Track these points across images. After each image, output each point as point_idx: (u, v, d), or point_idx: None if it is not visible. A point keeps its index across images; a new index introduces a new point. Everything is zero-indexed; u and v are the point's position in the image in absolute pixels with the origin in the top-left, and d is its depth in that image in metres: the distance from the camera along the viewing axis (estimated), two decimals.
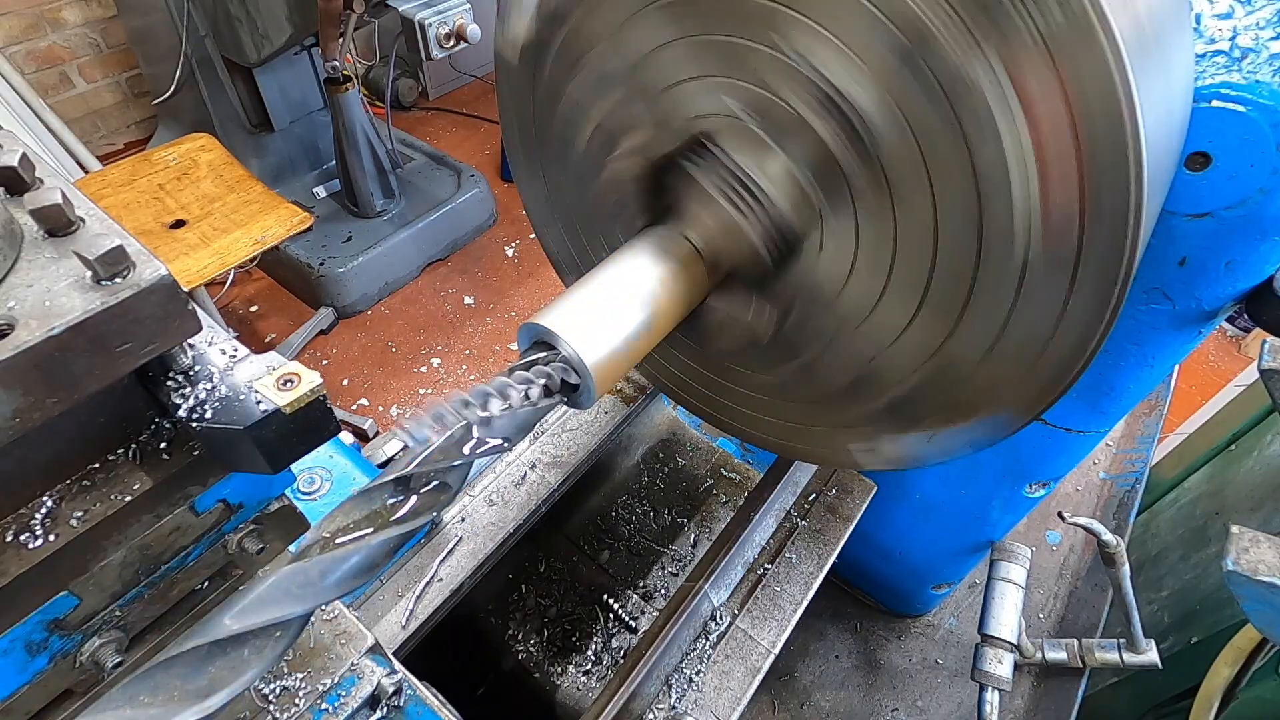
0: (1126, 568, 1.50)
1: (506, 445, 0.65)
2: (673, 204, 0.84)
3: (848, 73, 0.63)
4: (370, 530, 0.55)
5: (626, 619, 1.37)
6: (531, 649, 1.37)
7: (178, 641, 0.47)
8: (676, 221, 0.84)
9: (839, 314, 0.79)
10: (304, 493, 1.26)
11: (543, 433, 1.39)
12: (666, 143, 0.81)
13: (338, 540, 0.54)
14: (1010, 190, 0.59)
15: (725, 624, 1.17)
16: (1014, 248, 0.62)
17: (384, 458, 2.39)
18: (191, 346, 0.56)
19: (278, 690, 0.78)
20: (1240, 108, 0.68)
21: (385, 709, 0.84)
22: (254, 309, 3.47)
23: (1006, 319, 0.67)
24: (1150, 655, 1.56)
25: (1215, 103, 0.69)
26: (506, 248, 3.82)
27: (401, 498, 0.59)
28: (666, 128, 0.80)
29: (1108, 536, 1.47)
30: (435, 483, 0.60)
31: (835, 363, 0.84)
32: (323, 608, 0.80)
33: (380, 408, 3.11)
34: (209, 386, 0.54)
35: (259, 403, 0.52)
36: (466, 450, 0.62)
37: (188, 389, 0.54)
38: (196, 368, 0.55)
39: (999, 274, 0.65)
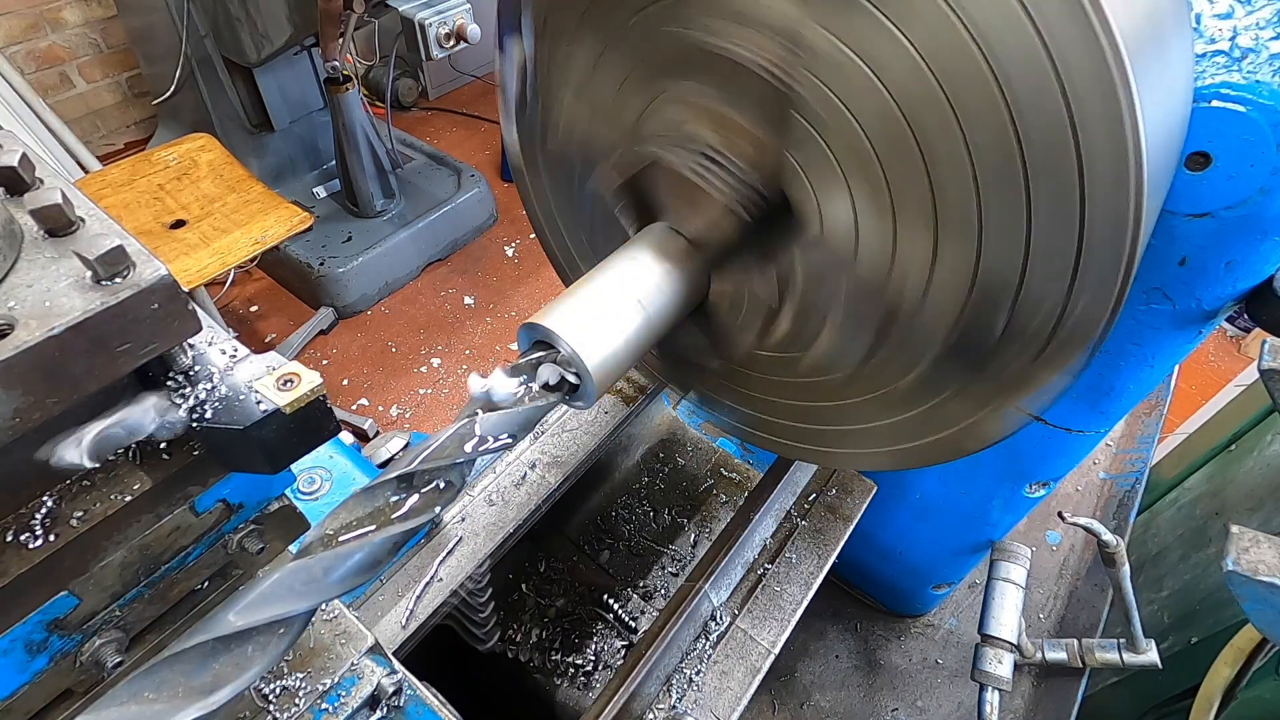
0: (1126, 568, 1.50)
1: (508, 444, 0.65)
2: (657, 202, 0.86)
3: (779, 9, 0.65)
4: (373, 528, 0.55)
5: (626, 619, 1.37)
6: (531, 649, 1.37)
7: (182, 638, 0.48)
8: (664, 217, 0.86)
9: (861, 267, 0.77)
10: (304, 493, 1.26)
11: (543, 433, 1.39)
12: (643, 155, 0.83)
13: (341, 537, 0.54)
14: (997, 108, 0.58)
15: (725, 624, 1.17)
16: (1011, 153, 0.60)
17: (384, 458, 2.39)
18: (191, 346, 0.56)
19: (278, 690, 0.78)
20: (1240, 108, 0.68)
21: (385, 709, 0.84)
22: (254, 309, 3.47)
23: (1028, 229, 0.63)
24: (1150, 655, 1.56)
25: (1215, 103, 0.69)
26: (506, 248, 3.82)
27: (403, 496, 0.59)
28: (643, 143, 0.83)
29: (1108, 536, 1.47)
30: (437, 481, 0.60)
31: (876, 327, 0.81)
32: (323, 607, 0.80)
33: (380, 408, 3.11)
34: (209, 386, 0.54)
35: (259, 403, 0.52)
36: (468, 448, 0.62)
37: (188, 389, 0.54)
38: (196, 368, 0.55)
39: (1002, 180, 0.62)
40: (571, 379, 0.72)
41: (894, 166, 0.66)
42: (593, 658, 1.34)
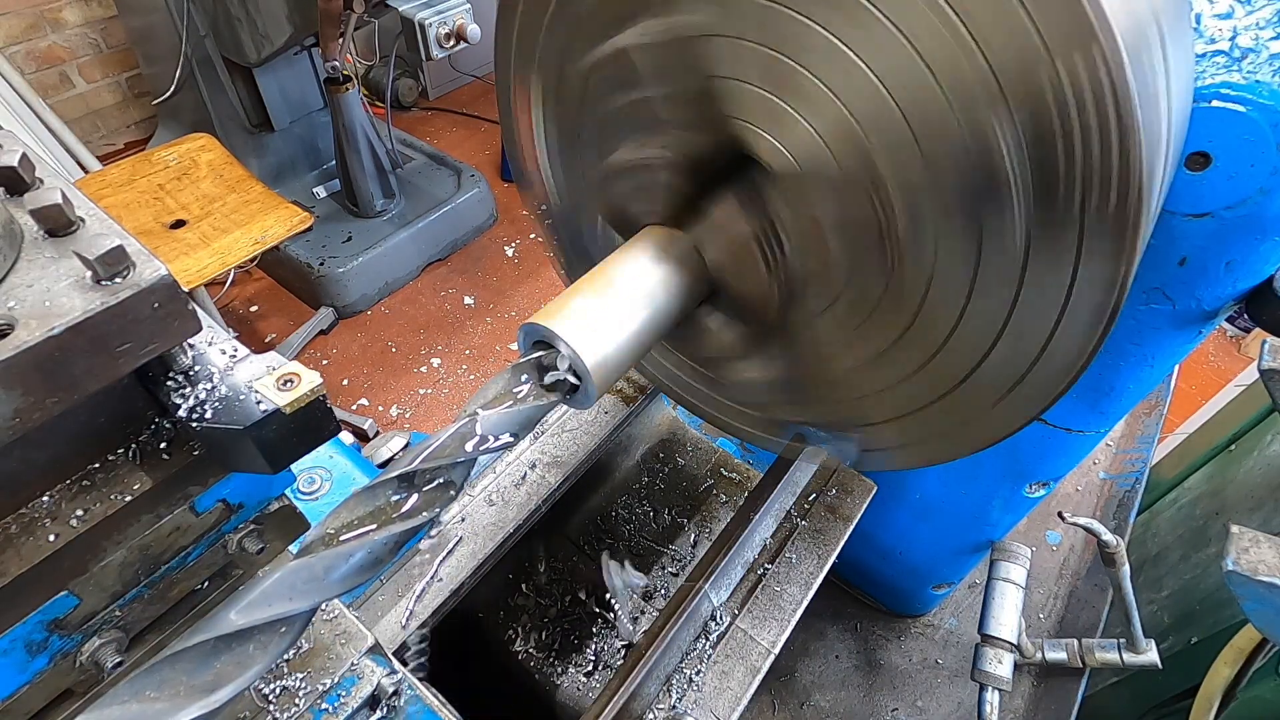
0: (1126, 568, 1.50)
1: (509, 443, 0.65)
2: (692, 214, 0.84)
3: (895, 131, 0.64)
4: (374, 527, 0.55)
5: (626, 620, 1.37)
6: (531, 649, 1.37)
7: (183, 636, 0.48)
8: (691, 232, 0.84)
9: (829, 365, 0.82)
10: (304, 493, 1.26)
11: (543, 433, 1.39)
12: (705, 137, 0.79)
13: (342, 537, 0.54)
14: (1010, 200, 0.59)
15: (725, 624, 1.17)
16: (1015, 238, 0.62)
17: (384, 458, 2.39)
18: (191, 346, 0.56)
19: (278, 690, 0.78)
20: (1240, 108, 0.68)
21: (385, 709, 0.84)
22: (254, 309, 3.47)
23: (1005, 320, 0.67)
24: (1150, 655, 1.56)
25: (1215, 103, 0.69)
26: (506, 248, 3.82)
27: (405, 495, 0.59)
28: (709, 122, 0.78)
29: (1108, 536, 1.47)
30: (438, 480, 0.60)
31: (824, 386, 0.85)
32: (323, 607, 0.80)
33: (380, 408, 3.11)
34: (209, 386, 0.54)
35: (259, 403, 0.52)
36: (468, 448, 0.62)
37: (188, 389, 0.54)
38: (196, 368, 0.55)
39: (999, 267, 0.64)
40: (571, 379, 0.72)
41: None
42: (593, 658, 1.34)
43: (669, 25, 0.72)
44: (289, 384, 0.53)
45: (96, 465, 0.55)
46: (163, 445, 0.57)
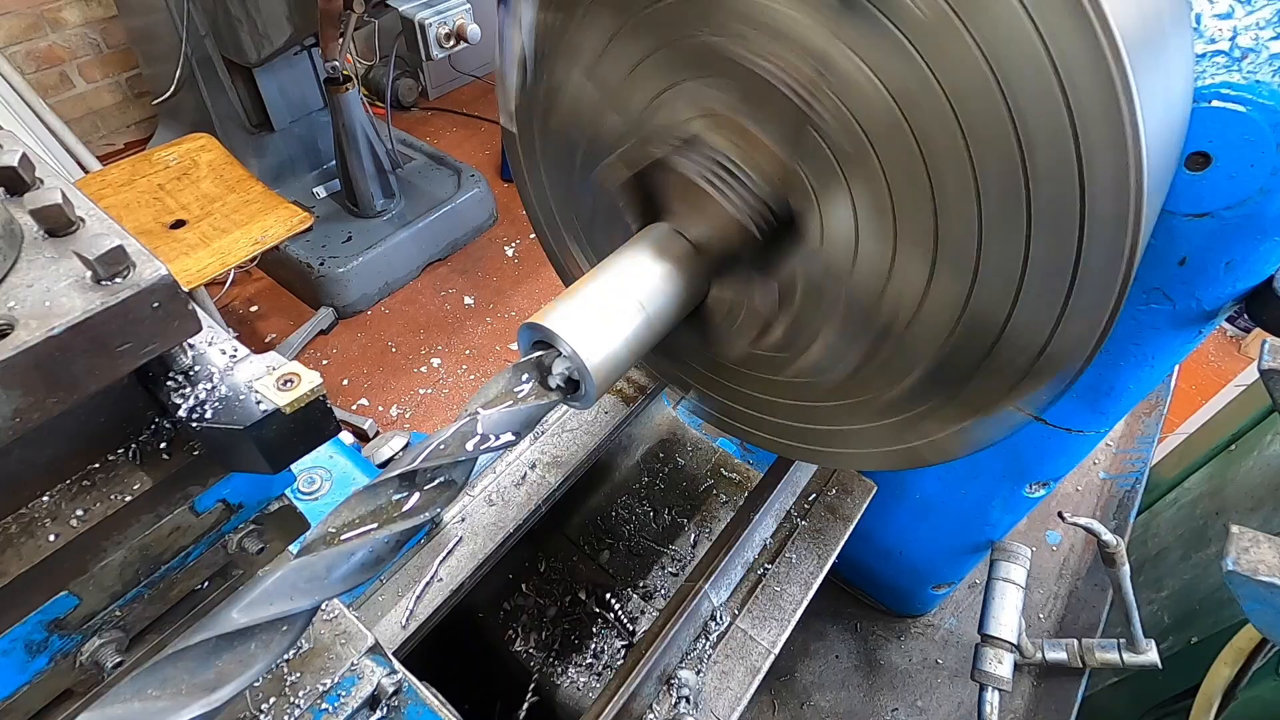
0: (1126, 568, 1.50)
1: (511, 441, 0.65)
2: (661, 203, 0.85)
3: (813, 35, 0.64)
4: (375, 525, 0.56)
5: (626, 619, 1.37)
6: (531, 649, 1.37)
7: (185, 635, 0.48)
8: (667, 218, 0.85)
9: (856, 285, 0.78)
10: (304, 493, 1.26)
11: (543, 433, 1.39)
12: (653, 152, 0.82)
13: (343, 535, 0.55)
14: (1006, 135, 0.59)
15: (725, 624, 1.17)
16: (1017, 185, 0.61)
17: (384, 457, 2.39)
18: (191, 346, 0.56)
19: (278, 690, 0.78)
20: (1240, 108, 0.68)
21: (385, 709, 0.84)
22: (254, 309, 3.47)
23: (1024, 264, 0.65)
24: (1150, 655, 1.56)
25: (1215, 103, 0.69)
26: (506, 248, 3.82)
27: (406, 494, 0.59)
28: (653, 141, 0.82)
29: (1108, 536, 1.47)
30: (440, 479, 0.60)
31: (867, 344, 0.83)
32: (323, 607, 0.80)
33: (380, 408, 3.11)
34: (209, 386, 0.54)
35: (259, 403, 0.52)
36: (469, 447, 0.62)
37: (188, 389, 0.54)
38: (196, 368, 0.55)
39: (1005, 216, 0.63)
40: (571, 379, 0.72)
41: (900, 188, 0.67)
42: (592, 658, 1.34)
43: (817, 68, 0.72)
44: (289, 384, 0.53)
45: (96, 465, 0.55)
46: (163, 445, 0.57)
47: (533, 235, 3.89)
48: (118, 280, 0.46)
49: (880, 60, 0.61)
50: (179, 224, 2.51)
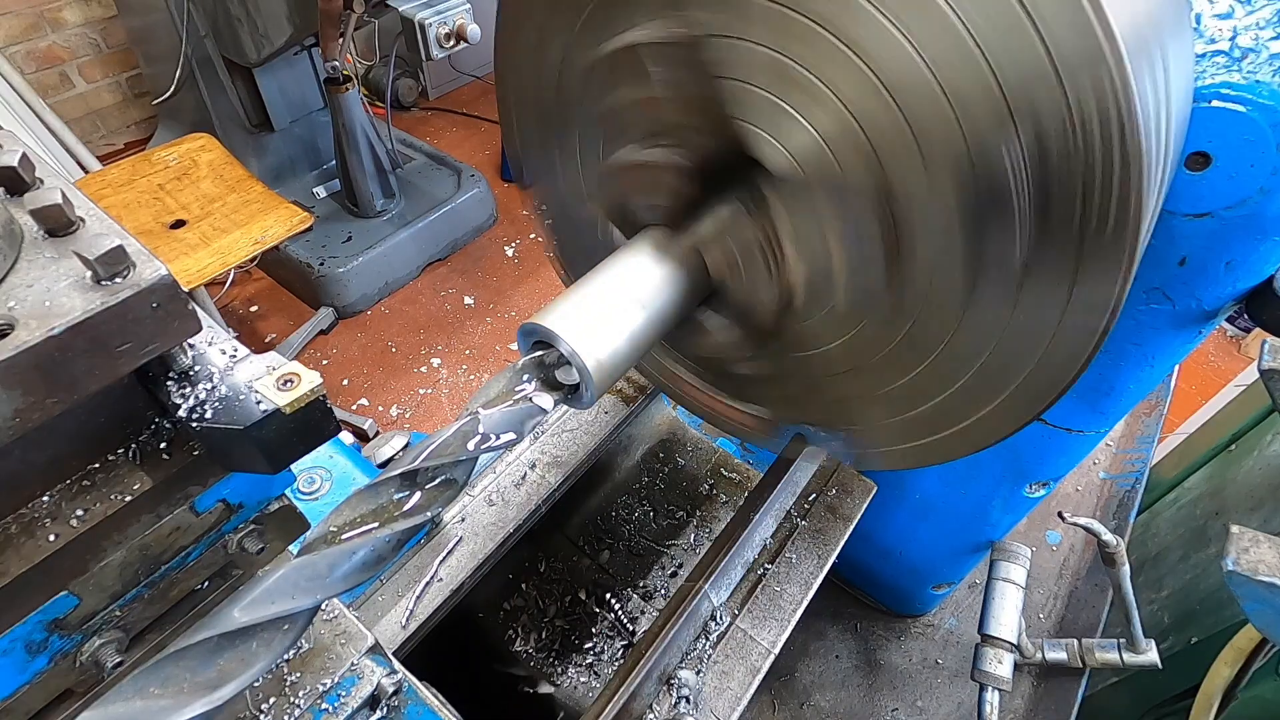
0: (1126, 568, 1.50)
1: (511, 441, 0.65)
2: (695, 216, 0.83)
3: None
4: (376, 524, 0.56)
5: (626, 619, 1.37)
6: (531, 649, 1.37)
7: (187, 634, 0.48)
8: (693, 233, 0.83)
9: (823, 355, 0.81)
10: (304, 493, 1.26)
11: (543, 433, 1.39)
12: (711, 143, 0.79)
13: (344, 534, 0.55)
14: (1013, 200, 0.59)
15: (725, 624, 1.17)
16: (1014, 254, 0.62)
17: (384, 458, 2.39)
18: (191, 346, 0.56)
19: (278, 690, 0.78)
20: (1240, 108, 0.68)
21: (385, 709, 0.84)
22: (254, 309, 3.47)
23: (1004, 328, 0.67)
24: (1150, 655, 1.56)
25: (1215, 103, 0.69)
26: (506, 248, 3.82)
27: (407, 493, 0.59)
28: (720, 127, 0.78)
29: (1108, 536, 1.47)
30: (440, 478, 0.60)
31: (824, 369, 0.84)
32: (323, 607, 0.80)
33: (380, 408, 3.10)
34: (209, 386, 0.54)
35: (259, 403, 0.52)
36: (470, 446, 0.62)
37: (188, 389, 0.54)
38: (196, 368, 0.55)
39: (997, 281, 0.64)
40: (571, 379, 0.72)
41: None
42: (593, 658, 1.34)
43: (678, 22, 0.72)
44: (289, 384, 0.53)
45: (96, 465, 0.55)
46: (163, 445, 0.57)
47: (533, 235, 3.89)
48: (118, 280, 0.46)
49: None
50: (179, 224, 2.51)
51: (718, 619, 1.17)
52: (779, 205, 0.76)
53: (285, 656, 0.78)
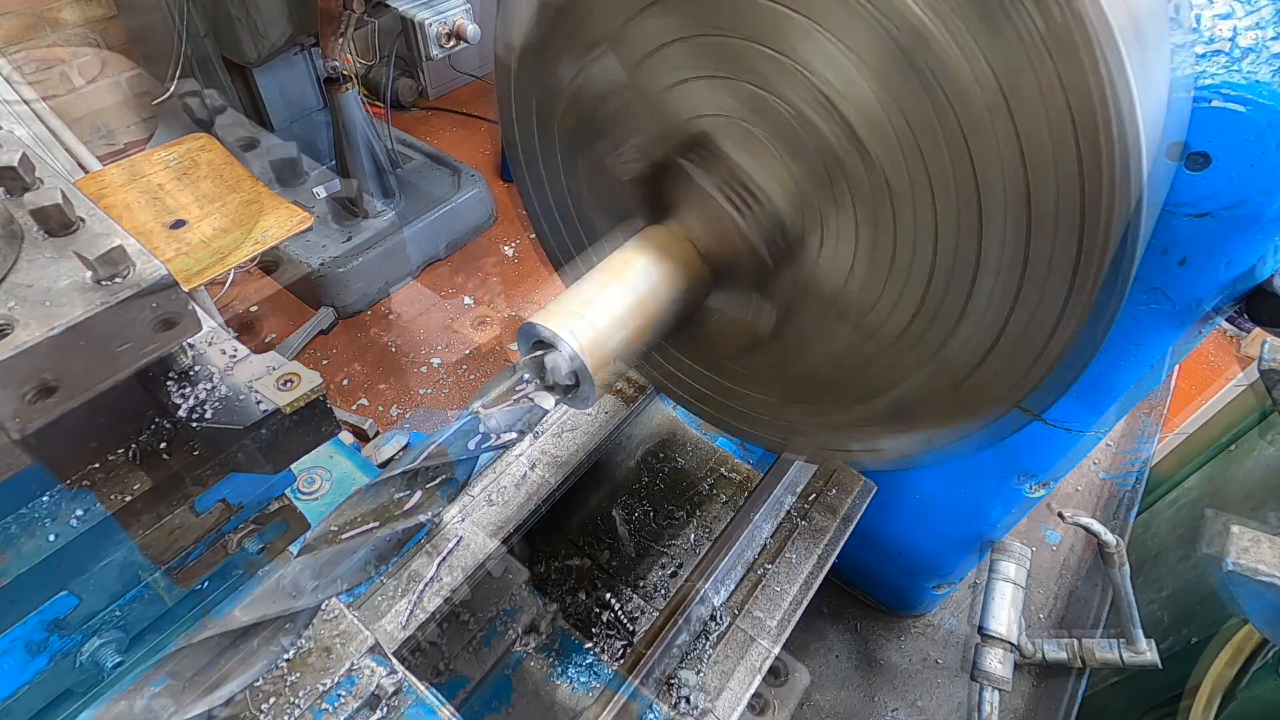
0: (1126, 567, 1.50)
1: (512, 440, 0.65)
2: (672, 204, 0.84)
3: (847, 74, 0.64)
4: (377, 524, 0.56)
5: (626, 620, 1.37)
6: (531, 649, 1.37)
7: (189, 633, 0.48)
8: (676, 221, 0.84)
9: (840, 312, 0.79)
10: (304, 493, 1.26)
11: (543, 433, 1.39)
12: (666, 143, 0.81)
13: (346, 533, 0.55)
14: (1008, 189, 0.59)
15: (725, 624, 1.17)
16: (1014, 246, 0.62)
17: (384, 457, 2.38)
18: (191, 346, 0.56)
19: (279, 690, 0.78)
20: (1240, 108, 0.68)
21: (385, 709, 0.84)
22: (254, 309, 3.47)
23: (1006, 319, 0.67)
24: (1150, 655, 1.56)
25: (1215, 103, 0.69)
26: (506, 248, 3.82)
27: (408, 492, 0.59)
28: (666, 128, 0.81)
29: (1107, 536, 1.47)
30: (441, 478, 0.60)
31: (836, 361, 0.84)
32: (323, 607, 0.80)
33: (380, 408, 3.10)
34: (209, 386, 0.54)
35: (259, 403, 0.52)
36: (471, 445, 0.62)
37: (188, 389, 0.54)
38: (196, 368, 0.55)
39: (999, 273, 0.65)
40: (571, 378, 0.72)
41: (903, 210, 0.68)
42: (593, 658, 1.34)
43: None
44: (289, 384, 0.53)
45: (96, 465, 0.55)
46: (163, 445, 0.57)
47: (532, 235, 3.89)
48: (117, 280, 0.46)
49: (911, 107, 0.62)
50: (179, 224, 2.51)
51: (718, 619, 1.17)
52: (726, 150, 0.77)
53: (285, 656, 0.78)
